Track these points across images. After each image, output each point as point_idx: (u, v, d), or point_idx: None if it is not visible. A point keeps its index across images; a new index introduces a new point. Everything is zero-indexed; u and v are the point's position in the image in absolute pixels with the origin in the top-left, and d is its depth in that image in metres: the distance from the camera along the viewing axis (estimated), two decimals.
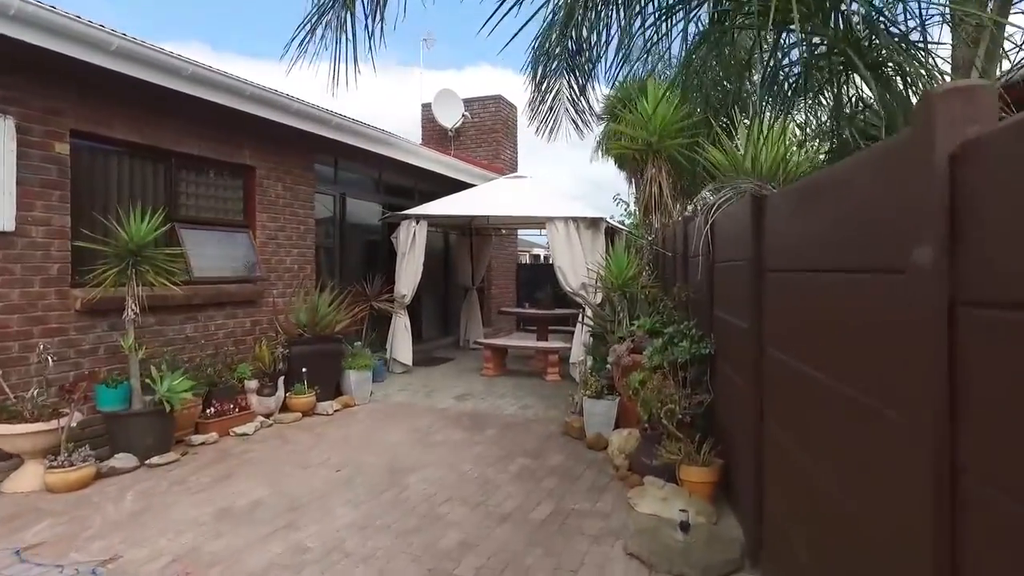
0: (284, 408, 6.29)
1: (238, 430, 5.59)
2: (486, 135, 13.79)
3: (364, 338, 8.14)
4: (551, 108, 4.90)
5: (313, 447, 5.38)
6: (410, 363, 8.95)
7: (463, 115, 13.57)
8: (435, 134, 13.76)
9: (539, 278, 14.33)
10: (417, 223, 8.72)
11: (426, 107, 14.02)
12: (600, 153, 15.28)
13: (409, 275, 8.77)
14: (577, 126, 5.21)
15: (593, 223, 8.29)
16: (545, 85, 4.59)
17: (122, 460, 4.63)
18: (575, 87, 4.52)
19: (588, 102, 4.78)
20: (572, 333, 10.62)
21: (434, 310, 11.42)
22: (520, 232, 14.85)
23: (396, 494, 4.26)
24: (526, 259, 24.90)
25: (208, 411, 5.53)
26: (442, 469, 4.78)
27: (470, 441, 5.57)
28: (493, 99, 13.84)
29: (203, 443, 5.27)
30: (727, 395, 4.06)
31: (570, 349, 8.41)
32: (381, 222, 9.36)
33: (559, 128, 5.18)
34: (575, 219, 8.19)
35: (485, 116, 13.86)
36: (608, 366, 5.80)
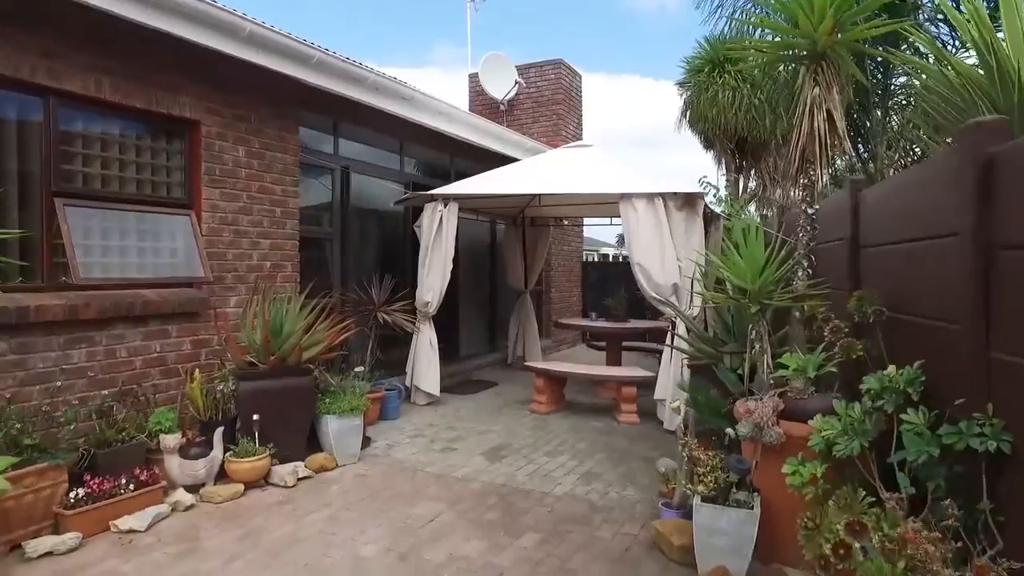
0: (223, 475, 4.18)
1: (123, 523, 3.49)
2: (544, 108, 11.45)
3: (366, 362, 5.98)
4: None
5: (230, 561, 3.21)
6: (437, 392, 6.73)
7: (516, 83, 11.28)
8: (484, 109, 11.53)
9: (610, 280, 11.87)
10: (445, 206, 6.49)
11: (473, 78, 11.84)
12: (682, 128, 12.70)
13: (435, 275, 6.56)
14: None
15: (688, 202, 5.80)
16: None
17: None
18: None
19: None
20: (655, 351, 8.12)
21: (476, 320, 9.18)
22: (587, 223, 12.38)
23: None
24: (593, 257, 22.25)
25: (76, 493, 3.46)
26: None
27: (490, 564, 3.25)
28: (553, 64, 11.48)
29: (48, 553, 3.20)
30: None
31: (654, 379, 5.95)
32: (398, 206, 7.17)
33: None
34: (663, 196, 5.72)
35: (543, 85, 11.52)
36: (734, 435, 3.35)
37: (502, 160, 8.26)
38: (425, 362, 6.70)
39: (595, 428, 5.91)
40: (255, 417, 4.26)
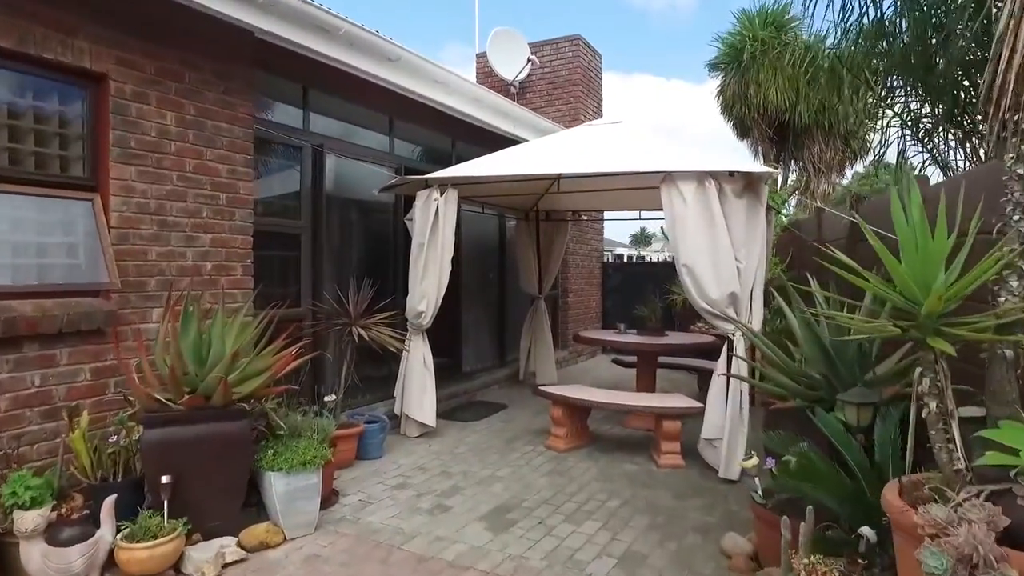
0: (112, 565, 2.96)
1: None
2: (560, 90, 10.19)
3: (338, 389, 4.75)
4: None
5: None
6: (432, 422, 5.50)
7: (529, 61, 10.03)
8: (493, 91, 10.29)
9: (638, 283, 10.58)
10: (442, 193, 5.26)
11: (480, 58, 10.61)
12: (726, 116, 11.32)
13: (430, 279, 5.33)
14: None
15: (750, 186, 4.51)
16: None
17: None
18: None
19: None
20: (694, 370, 6.82)
21: (482, 331, 7.92)
22: (608, 216, 11.08)
23: None
24: (608, 257, 20.91)
25: None
26: None
27: None
28: (569, 41, 10.22)
29: None
30: None
31: (700, 412, 4.68)
32: (385, 195, 5.91)
33: None
34: (717, 177, 4.44)
35: (559, 64, 10.27)
36: (873, 540, 2.08)
37: (512, 145, 7.01)
38: (418, 386, 5.47)
39: (629, 474, 4.63)
40: (164, 480, 3.04)
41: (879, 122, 5.36)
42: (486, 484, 4.41)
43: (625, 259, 21.81)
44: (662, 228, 15.88)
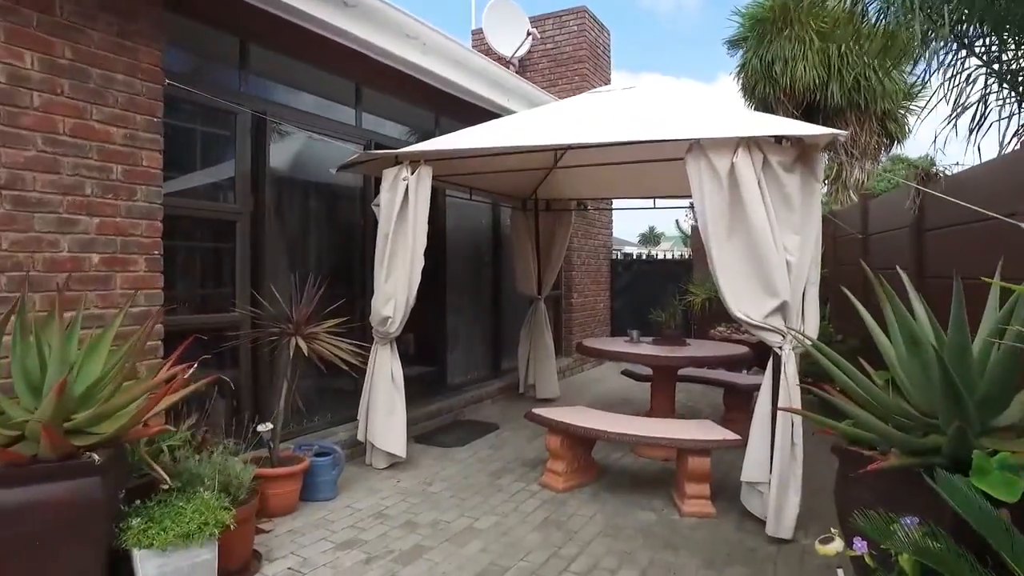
0: None
1: None
2: (565, 67, 9.18)
3: (277, 415, 3.76)
4: None
5: None
6: (400, 451, 4.50)
7: (529, 35, 9.03)
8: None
9: (651, 283, 9.56)
10: (412, 171, 4.27)
11: (476, 35, 9.61)
12: (747, 99, 10.22)
13: (397, 278, 4.35)
14: None
15: (804, 156, 3.47)
16: None
17: None
18: None
19: None
20: (723, 384, 5.77)
21: (472, 336, 6.91)
22: (617, 206, 10.03)
23: None
24: (616, 255, 19.75)
25: None
26: None
27: None
28: (574, 14, 9.21)
29: None
30: None
31: (737, 445, 3.66)
32: (346, 173, 4.87)
33: None
34: (760, 144, 3.40)
35: (563, 40, 9.27)
36: None
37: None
38: (384, 408, 4.47)
39: (644, 527, 3.61)
40: None
41: (953, 78, 4.29)
42: (459, 542, 3.40)
43: (635, 256, 20.70)
44: (677, 221, 14.61)
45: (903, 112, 9.85)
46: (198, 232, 3.96)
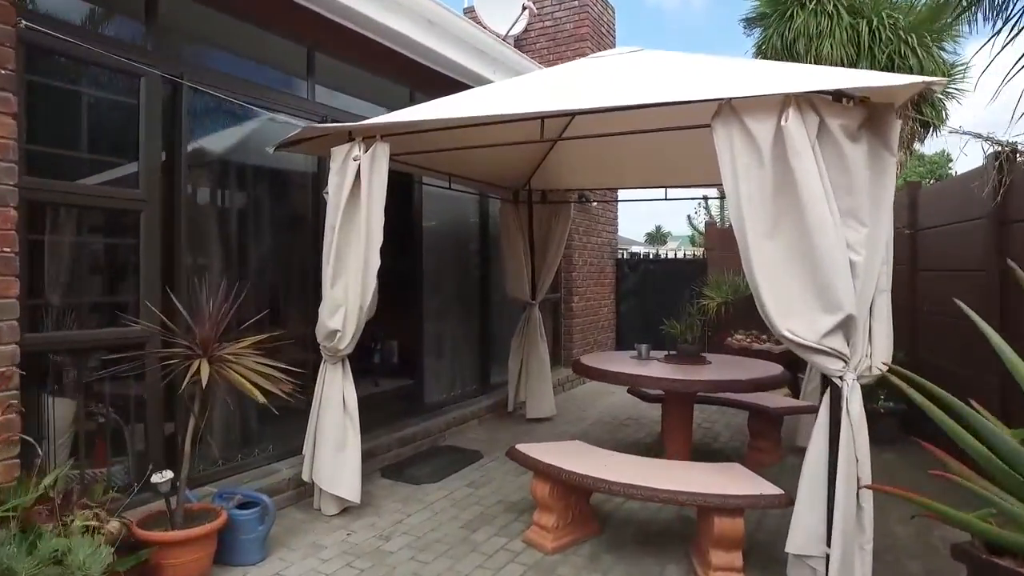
0: None
1: None
2: (565, 47, 8.29)
3: (183, 460, 2.90)
4: None
5: None
6: (354, 496, 3.65)
7: (525, 9, 8.14)
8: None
9: (660, 285, 8.70)
10: (366, 148, 3.42)
11: (469, 12, 8.72)
12: None
13: (348, 281, 3.51)
14: None
15: (872, 118, 2.57)
16: None
17: None
18: None
19: None
20: (748, 407, 4.86)
21: (456, 346, 6.02)
22: (623, 196, 9.11)
23: None
24: (623, 254, 18.64)
25: None
26: None
27: None
28: None
29: None
30: None
31: (779, 502, 2.78)
32: (282, 151, 3.94)
33: None
34: (813, 102, 2.50)
35: (563, 16, 8.38)
36: None
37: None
38: (333, 442, 3.62)
39: None
40: None
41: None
42: None
43: (641, 256, 19.70)
44: (689, 217, 13.34)
45: (939, 96, 8.91)
46: (85, 225, 3.11)
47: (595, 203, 7.94)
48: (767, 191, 2.58)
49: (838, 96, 2.52)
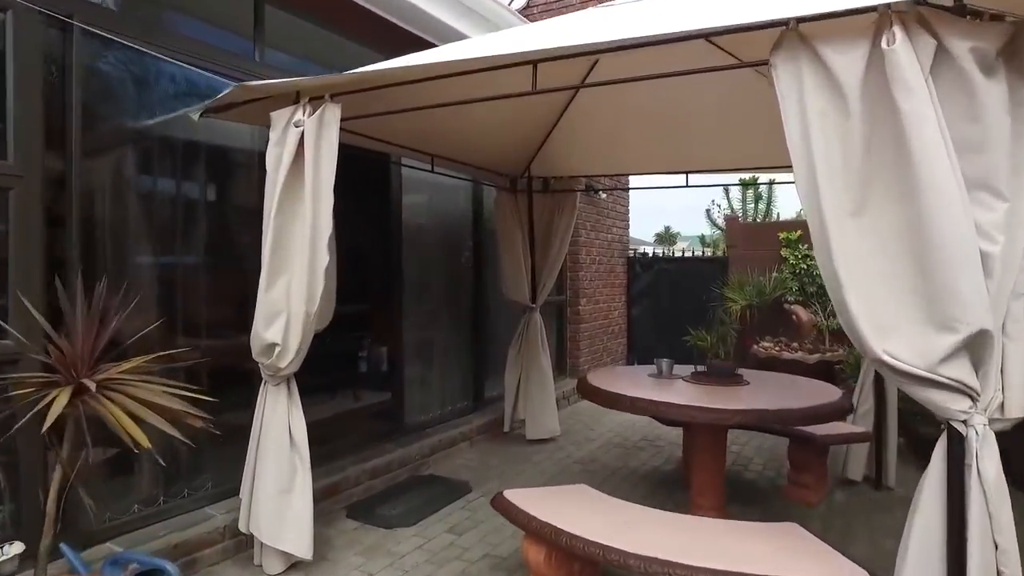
0: None
1: None
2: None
3: (49, 522, 2.14)
4: None
5: None
6: (304, 551, 2.88)
7: None
8: None
9: (678, 286, 7.90)
10: (311, 112, 2.65)
11: None
12: None
13: (291, 279, 2.74)
14: None
15: (1013, 43, 1.77)
16: None
17: None
18: None
19: None
20: (790, 435, 4.02)
21: (443, 357, 5.23)
22: (634, 184, 8.30)
23: None
24: (638, 253, 17.61)
25: None
26: None
27: None
28: None
29: None
30: None
31: None
32: (208, 117, 3.16)
33: None
34: (930, 19, 1.70)
35: None
36: None
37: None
38: (276, 484, 2.86)
39: None
40: None
41: None
42: None
43: (654, 254, 18.81)
44: (708, 211, 12.13)
45: None
46: None
47: (604, 195, 7.14)
48: (855, 149, 1.80)
49: (961, 9, 1.72)
